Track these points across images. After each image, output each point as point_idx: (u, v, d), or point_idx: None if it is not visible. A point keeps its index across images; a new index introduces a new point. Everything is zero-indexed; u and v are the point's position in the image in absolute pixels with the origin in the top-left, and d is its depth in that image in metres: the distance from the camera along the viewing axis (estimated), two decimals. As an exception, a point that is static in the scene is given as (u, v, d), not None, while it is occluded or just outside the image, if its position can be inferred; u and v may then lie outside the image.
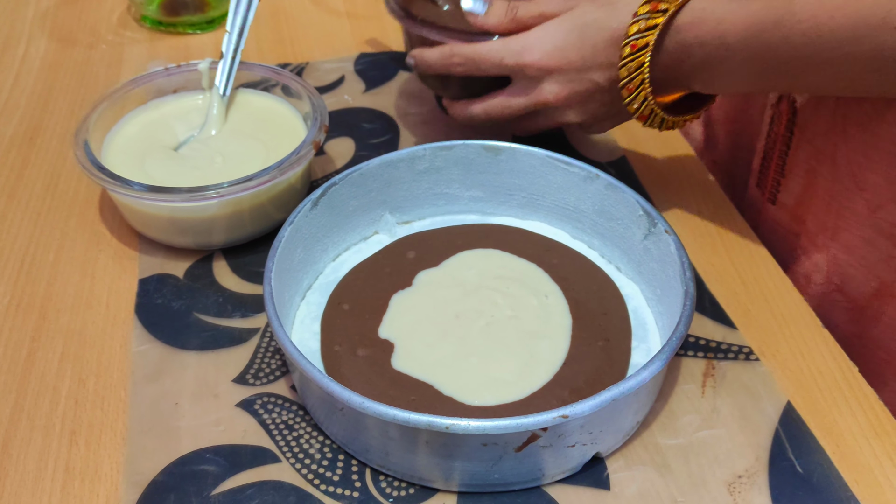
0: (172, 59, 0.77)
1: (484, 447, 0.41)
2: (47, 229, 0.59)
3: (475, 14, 0.56)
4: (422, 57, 0.57)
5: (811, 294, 0.58)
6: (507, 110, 0.57)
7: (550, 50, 0.53)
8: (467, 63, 0.55)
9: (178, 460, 0.45)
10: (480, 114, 0.58)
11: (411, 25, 0.59)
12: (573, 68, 0.53)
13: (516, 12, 0.55)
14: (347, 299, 0.53)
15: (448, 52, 0.55)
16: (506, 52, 0.54)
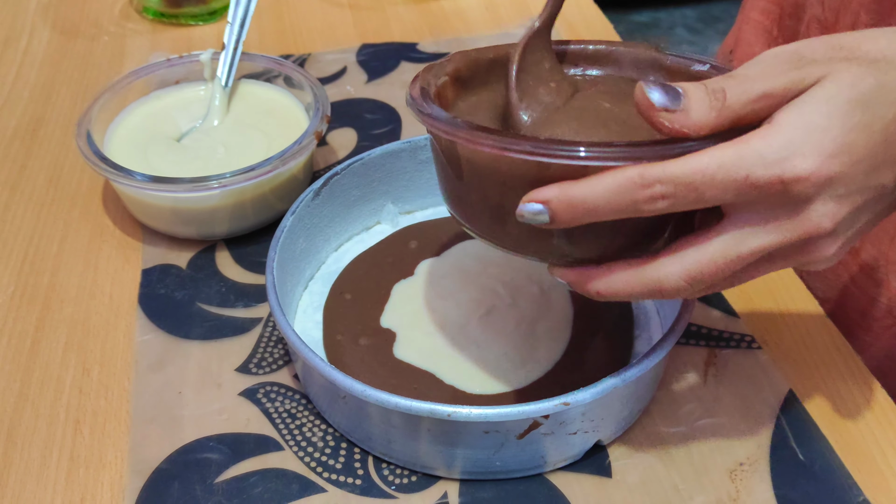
0: (175, 50, 0.77)
1: (486, 434, 0.41)
2: (51, 221, 0.59)
3: (663, 109, 0.32)
4: (572, 198, 0.33)
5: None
6: (732, 264, 0.34)
7: (833, 150, 0.32)
8: (679, 193, 0.32)
9: (182, 449, 0.45)
10: (672, 285, 0.35)
11: (504, 142, 0.35)
12: (861, 171, 0.33)
13: (725, 98, 0.33)
14: (349, 289, 0.53)
15: (636, 180, 0.32)
16: (754, 164, 0.32)
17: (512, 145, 0.34)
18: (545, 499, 0.43)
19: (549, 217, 0.34)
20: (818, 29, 0.55)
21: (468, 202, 0.40)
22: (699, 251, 0.34)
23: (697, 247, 0.34)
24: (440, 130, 0.37)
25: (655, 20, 2.36)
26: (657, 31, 2.32)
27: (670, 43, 2.27)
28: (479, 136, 0.35)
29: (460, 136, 0.36)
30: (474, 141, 0.35)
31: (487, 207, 0.39)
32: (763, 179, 0.32)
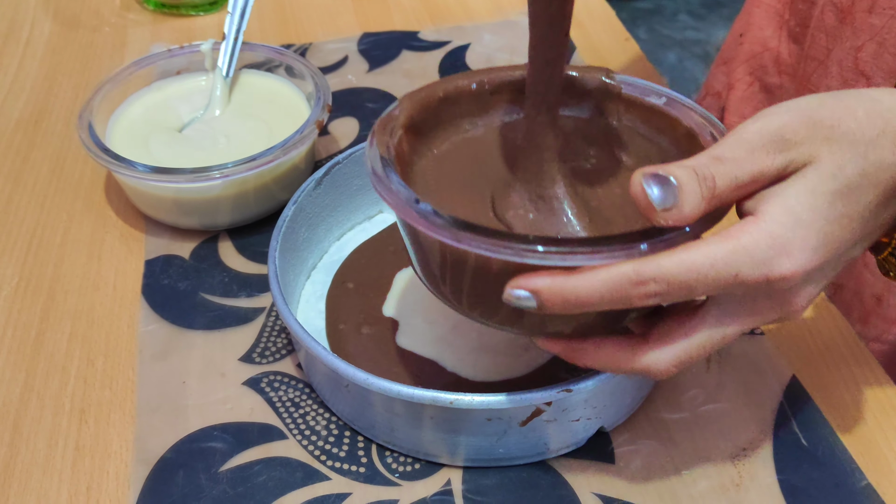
0: (176, 41, 0.77)
1: (488, 422, 0.41)
2: (54, 212, 0.59)
3: (660, 205, 0.32)
4: (564, 291, 0.33)
5: None
6: (717, 346, 0.36)
7: (816, 244, 0.33)
8: (671, 290, 0.33)
9: (187, 438, 0.45)
10: (661, 369, 0.36)
11: (490, 245, 0.33)
12: (839, 254, 0.34)
13: (715, 186, 0.32)
14: (352, 278, 0.53)
15: (630, 277, 0.32)
16: (744, 263, 0.32)
17: (500, 248, 0.33)
18: (548, 485, 0.43)
19: (536, 304, 0.33)
20: (833, 13, 0.54)
21: (442, 280, 0.38)
22: (687, 340, 0.36)
23: (684, 334, 0.36)
24: (417, 224, 0.35)
25: (659, 7, 2.35)
26: (660, 18, 2.31)
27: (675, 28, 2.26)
28: (464, 237, 0.33)
29: (443, 235, 0.34)
30: (458, 240, 0.34)
31: (464, 287, 0.37)
32: (752, 278, 0.33)
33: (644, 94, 0.43)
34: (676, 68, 2.11)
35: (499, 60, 0.74)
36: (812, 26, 0.56)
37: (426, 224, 0.34)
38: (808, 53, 0.56)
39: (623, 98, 0.43)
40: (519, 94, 0.43)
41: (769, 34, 0.62)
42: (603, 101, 0.44)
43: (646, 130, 0.43)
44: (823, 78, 0.55)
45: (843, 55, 0.52)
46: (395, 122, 0.41)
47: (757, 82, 0.64)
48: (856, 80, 0.51)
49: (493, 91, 0.44)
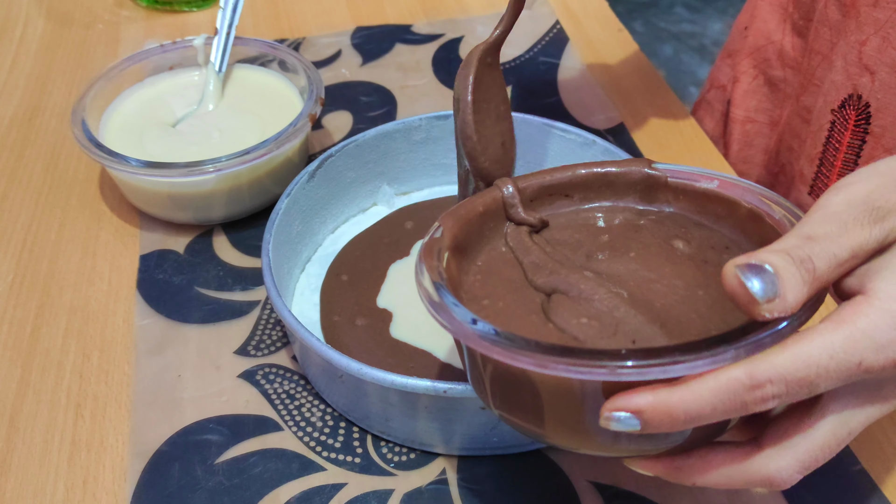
0: (169, 37, 0.77)
1: (483, 410, 0.41)
2: (48, 208, 0.59)
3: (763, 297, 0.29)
4: (671, 407, 0.29)
5: None
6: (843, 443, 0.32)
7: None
8: (791, 391, 0.29)
9: (182, 430, 0.45)
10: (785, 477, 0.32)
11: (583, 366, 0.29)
12: None
13: (814, 268, 0.30)
14: (346, 270, 0.53)
15: (744, 381, 0.29)
16: (866, 348, 0.29)
17: (593, 369, 0.29)
18: (543, 473, 0.43)
19: (640, 425, 0.30)
20: (836, 7, 0.54)
21: (520, 408, 0.34)
22: (809, 439, 0.31)
23: (805, 434, 0.31)
24: (498, 356, 0.30)
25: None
26: (656, 11, 2.31)
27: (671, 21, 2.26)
28: (550, 362, 0.29)
29: (526, 362, 0.30)
30: (545, 366, 0.30)
31: (545, 415, 0.33)
32: (877, 364, 0.29)
33: (693, 179, 0.40)
34: (672, 61, 2.11)
35: (492, 53, 0.74)
36: (816, 20, 0.56)
37: (508, 354, 0.30)
38: (811, 47, 0.56)
39: (671, 186, 0.40)
40: (554, 196, 0.42)
41: (773, 27, 0.62)
42: (649, 194, 0.41)
43: (700, 218, 0.40)
44: (828, 72, 0.55)
45: (847, 49, 0.52)
46: (440, 245, 0.37)
47: (761, 75, 0.64)
48: (860, 74, 0.51)
49: (531, 198, 0.41)
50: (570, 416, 0.32)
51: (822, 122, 0.56)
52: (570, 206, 0.41)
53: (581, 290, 0.36)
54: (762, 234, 0.36)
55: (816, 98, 0.58)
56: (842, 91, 0.53)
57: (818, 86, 0.57)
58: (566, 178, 0.41)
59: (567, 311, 0.35)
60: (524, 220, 0.40)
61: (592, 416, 0.31)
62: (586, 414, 0.31)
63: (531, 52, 0.74)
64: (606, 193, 0.41)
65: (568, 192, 0.41)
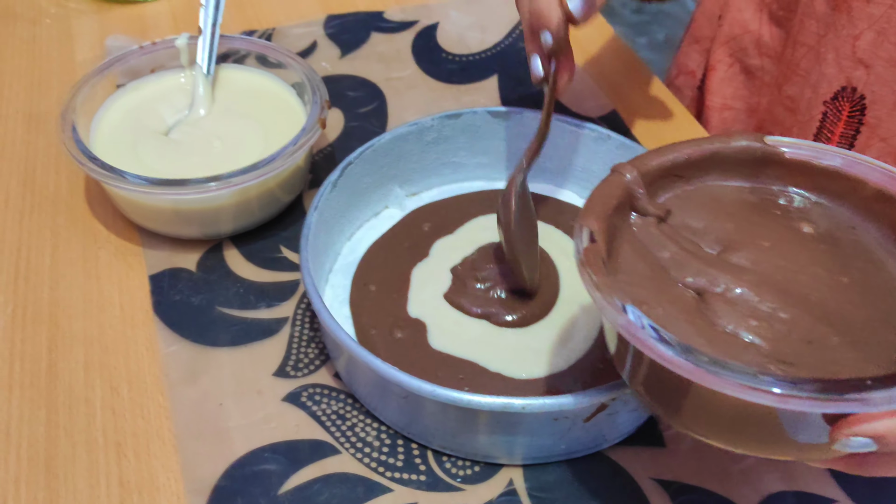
0: (126, 30, 0.72)
1: (555, 422, 0.42)
2: (36, 229, 0.56)
3: None
4: None
5: None
6: None
7: None
8: None
9: (237, 462, 0.44)
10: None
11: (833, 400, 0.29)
12: None
13: None
14: (372, 279, 0.52)
15: None
16: None
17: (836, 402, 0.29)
18: (608, 475, 0.44)
19: (878, 448, 0.30)
20: (824, 0, 0.56)
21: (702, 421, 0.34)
22: None
23: None
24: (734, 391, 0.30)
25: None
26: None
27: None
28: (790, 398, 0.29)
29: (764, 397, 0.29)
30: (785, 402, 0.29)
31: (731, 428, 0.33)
32: None
33: (813, 155, 0.38)
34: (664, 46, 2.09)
35: (470, 39, 0.73)
36: (800, 12, 0.58)
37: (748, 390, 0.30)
38: (795, 38, 0.58)
39: (787, 162, 0.39)
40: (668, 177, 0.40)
41: (749, 17, 0.64)
42: (761, 170, 0.40)
43: (819, 196, 0.39)
44: (816, 64, 0.57)
45: (839, 43, 0.53)
46: (599, 253, 0.35)
47: (737, 63, 0.66)
48: (854, 67, 0.53)
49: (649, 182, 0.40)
50: (768, 433, 0.32)
51: (812, 113, 0.58)
52: (684, 187, 0.40)
53: (735, 289, 0.36)
54: (891, 216, 0.35)
55: (803, 89, 0.60)
56: (834, 83, 0.55)
57: (803, 76, 0.59)
58: (681, 158, 0.40)
59: (733, 314, 0.35)
60: (651, 212, 0.39)
61: (802, 434, 0.31)
62: (793, 432, 0.31)
63: (511, 38, 0.73)
64: (716, 171, 0.40)
65: (680, 173, 0.40)
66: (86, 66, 0.68)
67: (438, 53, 0.71)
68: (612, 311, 0.33)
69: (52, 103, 0.65)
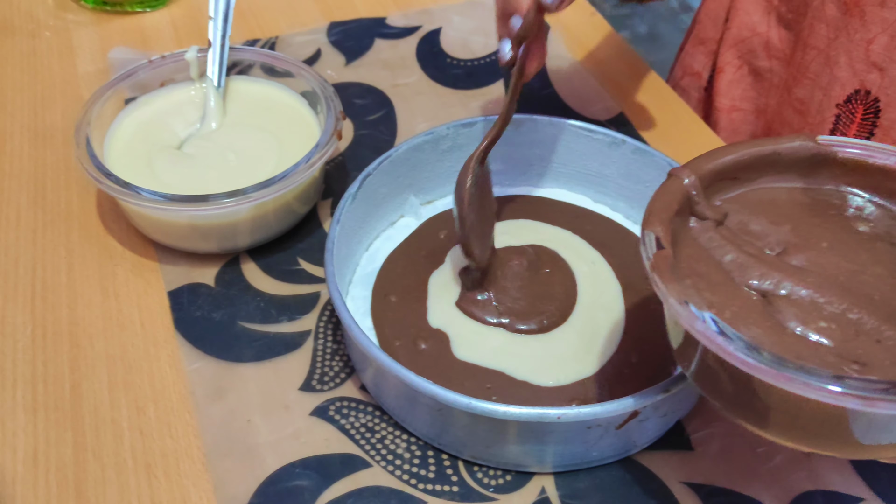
0: (126, 42, 0.71)
1: (588, 430, 0.42)
2: (50, 248, 0.55)
3: None
4: None
5: None
6: None
7: None
8: None
9: (268, 479, 0.44)
10: None
11: None
12: None
13: None
14: (393, 290, 0.52)
15: None
16: None
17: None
18: (639, 481, 0.44)
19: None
20: (835, 5, 0.56)
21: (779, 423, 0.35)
22: None
23: None
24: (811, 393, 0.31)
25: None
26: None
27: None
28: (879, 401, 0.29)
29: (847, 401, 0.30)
30: (874, 405, 0.30)
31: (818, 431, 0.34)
32: None
33: (867, 154, 0.39)
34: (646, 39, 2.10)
35: (474, 44, 0.73)
36: (810, 16, 0.58)
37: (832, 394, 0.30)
38: (805, 42, 0.59)
39: (840, 161, 0.39)
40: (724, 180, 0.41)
41: (757, 19, 0.64)
42: (814, 170, 0.40)
43: (873, 194, 0.39)
44: (826, 67, 0.57)
45: (851, 46, 0.54)
46: (668, 259, 0.36)
47: (746, 66, 0.66)
48: (867, 70, 0.54)
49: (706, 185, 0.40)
50: (844, 432, 0.33)
51: (824, 115, 0.59)
52: (739, 189, 0.41)
53: (800, 291, 0.36)
54: None
55: (813, 91, 0.60)
56: (847, 87, 0.56)
57: (813, 79, 0.60)
58: (736, 159, 0.40)
59: (800, 315, 0.35)
60: (710, 215, 0.39)
61: (879, 433, 0.32)
62: (870, 430, 0.32)
63: (514, 42, 0.73)
64: (770, 173, 0.41)
65: (735, 175, 0.40)
66: (88, 78, 0.68)
67: (443, 59, 0.71)
68: (687, 316, 0.33)
69: (57, 118, 0.65)
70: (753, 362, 0.32)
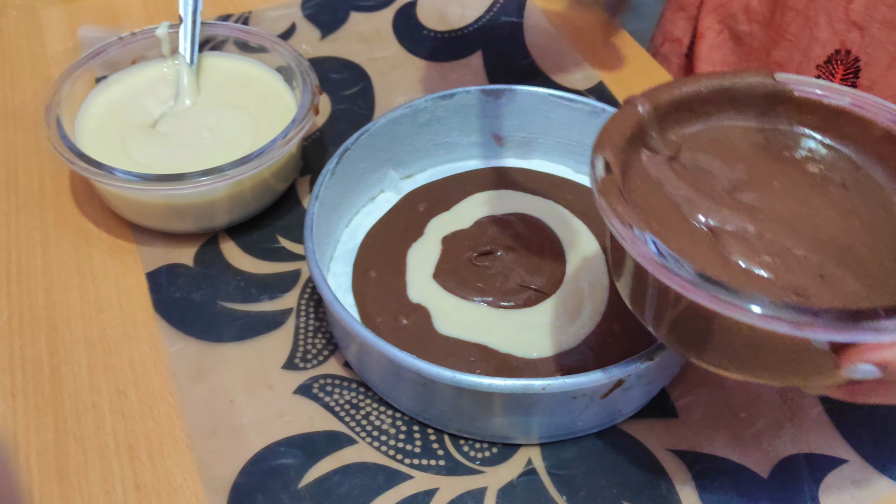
0: (96, 20, 0.70)
1: (573, 400, 0.42)
2: (24, 231, 0.54)
3: None
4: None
5: None
6: None
7: None
8: None
9: (253, 459, 0.44)
10: None
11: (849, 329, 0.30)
12: None
13: None
14: (372, 265, 0.52)
15: None
16: None
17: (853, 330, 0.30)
18: (625, 449, 0.44)
19: (882, 374, 0.31)
20: None
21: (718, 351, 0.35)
22: None
23: None
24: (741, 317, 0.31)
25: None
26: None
27: None
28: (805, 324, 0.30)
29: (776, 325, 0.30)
30: (800, 328, 0.30)
31: (754, 358, 0.34)
32: None
33: (822, 94, 0.38)
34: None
35: (451, 15, 0.72)
36: None
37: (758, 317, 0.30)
38: (785, 3, 0.58)
39: (796, 101, 0.39)
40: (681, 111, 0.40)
41: None
42: (770, 108, 0.40)
43: (825, 136, 0.39)
44: (805, 28, 0.57)
45: (831, 7, 0.54)
46: (616, 183, 0.35)
47: (727, 30, 0.66)
48: (848, 30, 0.54)
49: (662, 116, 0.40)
50: (779, 361, 0.33)
51: None
52: (695, 124, 0.40)
53: (748, 227, 0.36)
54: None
55: (792, 53, 0.60)
56: (828, 47, 0.56)
57: (792, 41, 0.59)
58: (693, 91, 0.40)
59: (746, 251, 0.35)
60: (663, 149, 0.39)
61: (811, 362, 0.32)
62: (802, 360, 0.33)
63: (491, 11, 0.72)
64: (727, 109, 0.40)
65: (692, 108, 0.40)
66: (58, 58, 0.66)
67: (420, 31, 0.70)
68: (632, 239, 0.33)
69: (27, 98, 0.63)
70: (692, 286, 0.31)
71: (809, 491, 0.43)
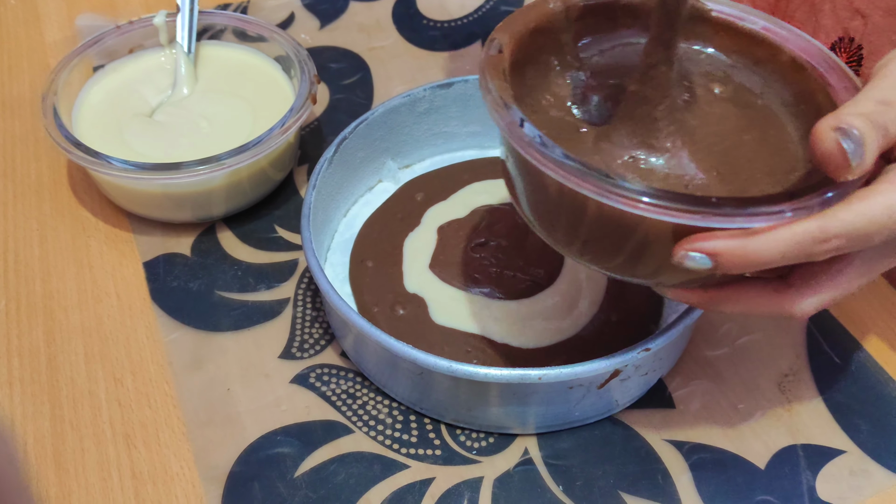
0: (95, 9, 0.70)
1: (570, 390, 0.42)
2: (21, 220, 0.54)
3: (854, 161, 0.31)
4: (746, 252, 0.32)
5: None
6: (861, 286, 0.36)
7: None
8: (852, 244, 0.32)
9: (250, 448, 0.44)
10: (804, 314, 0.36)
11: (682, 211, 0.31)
12: None
13: (887, 132, 0.32)
14: (369, 255, 0.52)
15: (815, 234, 0.31)
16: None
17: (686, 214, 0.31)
18: (622, 439, 0.44)
19: (712, 265, 0.32)
20: None
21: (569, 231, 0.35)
22: (833, 282, 0.34)
23: (830, 278, 0.34)
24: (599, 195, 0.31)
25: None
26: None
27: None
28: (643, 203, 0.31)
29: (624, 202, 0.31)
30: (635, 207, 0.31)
31: (603, 244, 0.35)
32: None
33: (737, 16, 0.39)
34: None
35: (451, 4, 0.72)
36: None
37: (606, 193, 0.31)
38: None
39: (712, 21, 0.39)
40: (598, 18, 0.40)
41: None
42: (686, 28, 0.39)
43: (737, 59, 0.39)
44: (811, 15, 0.56)
45: None
46: (502, 64, 0.36)
47: None
48: (851, 17, 0.53)
49: (576, 17, 0.40)
50: (633, 248, 0.34)
51: None
52: (607, 38, 0.40)
53: (632, 130, 0.36)
54: (802, 86, 0.36)
55: None
56: (832, 34, 0.55)
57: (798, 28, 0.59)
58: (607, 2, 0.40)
59: (626, 149, 0.36)
60: (569, 59, 0.39)
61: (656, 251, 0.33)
62: (651, 249, 0.33)
63: (490, 2, 0.72)
64: (641, 24, 0.40)
65: (609, 15, 0.40)
66: (57, 47, 0.66)
67: (419, 20, 0.70)
68: (502, 113, 0.34)
69: (24, 88, 0.63)
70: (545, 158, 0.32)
71: (807, 482, 0.42)
